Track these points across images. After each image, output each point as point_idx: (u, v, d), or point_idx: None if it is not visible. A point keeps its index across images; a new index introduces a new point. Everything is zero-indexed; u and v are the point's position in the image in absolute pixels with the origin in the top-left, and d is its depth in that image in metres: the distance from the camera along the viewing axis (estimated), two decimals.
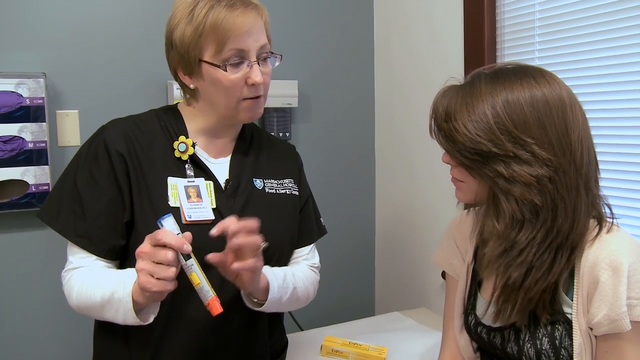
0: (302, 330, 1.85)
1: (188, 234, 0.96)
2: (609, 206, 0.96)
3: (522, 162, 0.89)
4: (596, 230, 0.93)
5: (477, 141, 0.90)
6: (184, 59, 1.09)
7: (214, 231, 0.96)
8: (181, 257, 0.94)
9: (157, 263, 0.92)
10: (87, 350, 1.25)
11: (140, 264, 0.93)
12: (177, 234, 0.94)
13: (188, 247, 0.93)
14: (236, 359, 1.16)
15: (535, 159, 0.89)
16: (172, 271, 0.93)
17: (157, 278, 0.92)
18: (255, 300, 1.11)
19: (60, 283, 1.13)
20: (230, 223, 0.97)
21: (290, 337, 1.40)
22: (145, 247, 0.94)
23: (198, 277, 0.95)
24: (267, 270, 1.11)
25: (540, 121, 0.89)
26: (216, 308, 0.95)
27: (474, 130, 0.90)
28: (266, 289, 1.09)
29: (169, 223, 0.95)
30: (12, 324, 1.78)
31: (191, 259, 0.95)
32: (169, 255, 0.92)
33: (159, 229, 0.94)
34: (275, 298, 1.10)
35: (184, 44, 1.07)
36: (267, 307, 1.10)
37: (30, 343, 1.81)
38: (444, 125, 0.94)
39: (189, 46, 1.06)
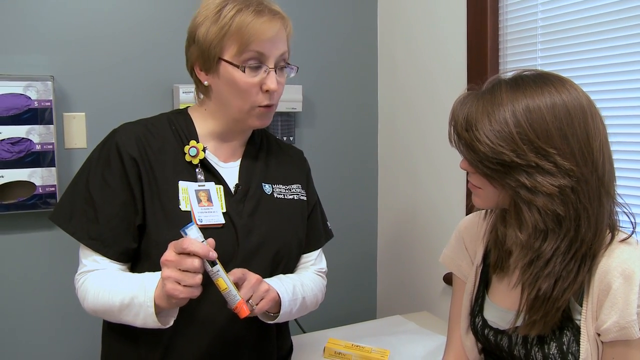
0: (304, 332, 1.87)
1: (212, 241, 0.98)
2: (632, 215, 0.96)
3: (545, 172, 0.88)
4: (609, 237, 0.93)
5: (499, 151, 0.89)
6: (203, 55, 1.11)
7: None
8: (207, 264, 0.96)
9: (183, 271, 0.95)
10: (95, 350, 1.26)
11: (166, 272, 0.95)
12: (202, 241, 0.96)
13: (214, 254, 0.96)
14: (245, 359, 1.17)
15: (558, 169, 0.88)
16: (198, 278, 0.95)
17: (184, 285, 0.95)
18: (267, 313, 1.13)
19: (67, 283, 1.14)
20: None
21: (293, 339, 1.41)
22: (170, 255, 0.96)
23: (225, 282, 0.97)
24: (278, 285, 1.12)
25: (562, 131, 0.88)
26: (244, 311, 0.98)
27: (495, 140, 0.89)
28: (278, 303, 1.11)
29: (192, 232, 0.96)
30: (19, 324, 1.80)
31: (217, 265, 0.97)
32: (196, 262, 0.94)
33: (182, 237, 0.96)
34: (287, 311, 1.13)
35: (207, 40, 1.09)
36: (279, 320, 1.14)
37: (37, 343, 1.82)
38: (465, 134, 0.93)
39: (211, 43, 1.09)
